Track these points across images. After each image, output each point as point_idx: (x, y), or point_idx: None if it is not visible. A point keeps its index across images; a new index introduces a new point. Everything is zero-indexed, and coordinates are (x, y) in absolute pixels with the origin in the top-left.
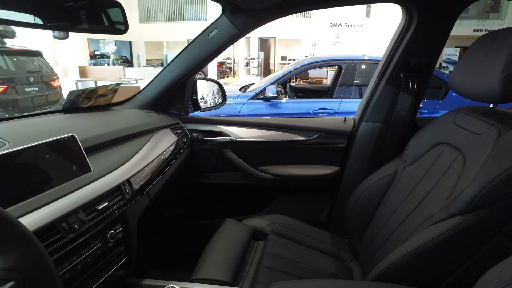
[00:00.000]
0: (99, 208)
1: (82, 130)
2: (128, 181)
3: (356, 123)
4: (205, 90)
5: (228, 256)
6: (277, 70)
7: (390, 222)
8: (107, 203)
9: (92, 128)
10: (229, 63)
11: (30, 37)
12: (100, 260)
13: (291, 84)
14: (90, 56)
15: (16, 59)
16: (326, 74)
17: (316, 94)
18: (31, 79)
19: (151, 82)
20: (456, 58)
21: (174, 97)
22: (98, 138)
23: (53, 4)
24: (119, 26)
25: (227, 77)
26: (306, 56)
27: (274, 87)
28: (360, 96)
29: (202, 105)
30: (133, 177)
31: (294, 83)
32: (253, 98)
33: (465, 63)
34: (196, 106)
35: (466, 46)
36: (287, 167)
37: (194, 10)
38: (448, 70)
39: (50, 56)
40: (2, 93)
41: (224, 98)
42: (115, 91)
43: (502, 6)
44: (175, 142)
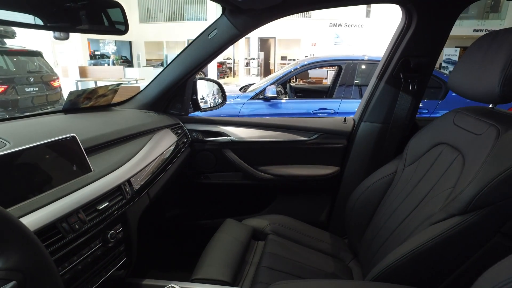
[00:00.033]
0: (100, 208)
1: (82, 130)
2: (128, 181)
3: (356, 123)
4: (205, 90)
5: (228, 256)
6: (277, 70)
7: (389, 222)
8: (108, 203)
9: (92, 128)
10: (229, 63)
11: (30, 37)
12: (100, 260)
13: (291, 84)
14: (90, 56)
15: (16, 59)
16: (326, 74)
17: (316, 94)
18: (31, 79)
19: (151, 83)
20: (456, 58)
21: (174, 97)
22: (98, 138)
23: (53, 4)
24: (119, 26)
25: (227, 77)
26: (306, 56)
27: (274, 87)
28: (360, 96)
29: (202, 105)
30: (133, 177)
31: (294, 83)
32: (253, 98)
33: (464, 64)
34: (196, 107)
35: (466, 46)
36: (287, 167)
37: (194, 10)
38: (448, 70)
39: (50, 56)
40: (2, 93)
41: (224, 98)
42: (115, 92)
43: (502, 6)
44: (175, 142)
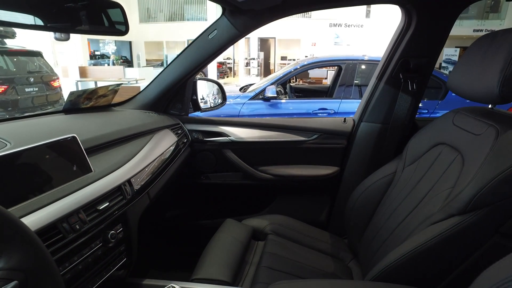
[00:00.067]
0: (100, 208)
1: (82, 130)
2: (128, 181)
3: (355, 124)
4: (205, 91)
5: (228, 256)
6: (277, 70)
7: (389, 222)
8: (108, 203)
9: (92, 128)
10: (229, 63)
11: (30, 37)
12: (101, 260)
13: (291, 84)
14: (90, 56)
15: (16, 59)
16: (326, 74)
17: (316, 94)
18: (31, 79)
19: (151, 83)
20: (456, 58)
21: (174, 97)
22: (98, 139)
23: (53, 5)
24: (120, 27)
25: (227, 77)
26: (306, 56)
27: (274, 87)
28: (360, 96)
29: (202, 105)
30: (133, 177)
31: (294, 83)
32: (253, 98)
33: (464, 64)
34: (196, 107)
35: (466, 46)
36: (287, 167)
37: (194, 10)
38: (448, 70)
39: (50, 56)
40: (2, 93)
41: (224, 98)
42: (116, 92)
43: (502, 6)
44: (175, 143)
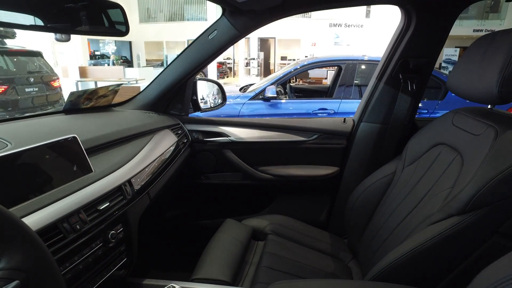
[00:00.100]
0: (101, 208)
1: (83, 131)
2: (129, 181)
3: (355, 124)
4: (205, 91)
5: (228, 256)
6: (277, 70)
7: (389, 222)
8: (108, 204)
9: (93, 129)
10: (229, 63)
11: (30, 37)
12: (101, 260)
13: (291, 84)
14: (90, 56)
15: (16, 60)
16: (326, 74)
17: (316, 95)
18: (31, 80)
19: (152, 83)
20: (456, 58)
21: (174, 98)
22: (99, 139)
23: (53, 5)
24: (120, 27)
25: (227, 77)
26: (306, 56)
27: (274, 88)
28: (359, 96)
29: (202, 105)
30: (134, 177)
31: (294, 84)
32: (253, 98)
33: (463, 65)
34: (196, 107)
35: (465, 46)
36: (287, 168)
37: (194, 10)
38: (448, 70)
39: (50, 56)
40: (2, 93)
41: (224, 98)
42: (116, 92)
43: (502, 6)
44: (176, 143)
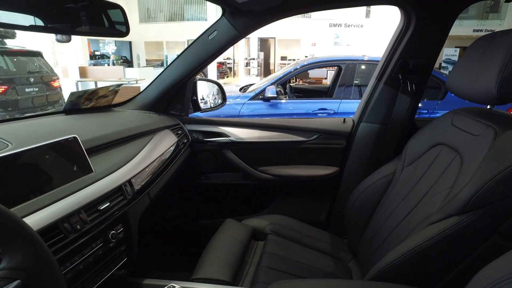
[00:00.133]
0: (101, 208)
1: (83, 131)
2: (129, 181)
3: (355, 124)
4: (205, 91)
5: (228, 256)
6: (277, 70)
7: (388, 222)
8: (109, 204)
9: (93, 129)
10: (229, 63)
11: (30, 37)
12: (101, 259)
13: (291, 84)
14: (90, 56)
15: (16, 60)
16: (326, 74)
17: (315, 95)
18: (31, 80)
19: (152, 83)
20: (455, 58)
21: (174, 98)
22: (99, 139)
23: (53, 6)
24: (121, 28)
25: (227, 77)
26: (306, 56)
27: (274, 88)
28: (359, 96)
29: (202, 106)
30: (134, 177)
31: (294, 84)
32: (253, 98)
33: (462, 65)
34: (196, 107)
35: (465, 46)
36: (287, 168)
37: (194, 10)
38: (447, 70)
39: (50, 56)
40: (2, 93)
41: (224, 99)
42: (116, 92)
43: (502, 6)
44: (176, 143)
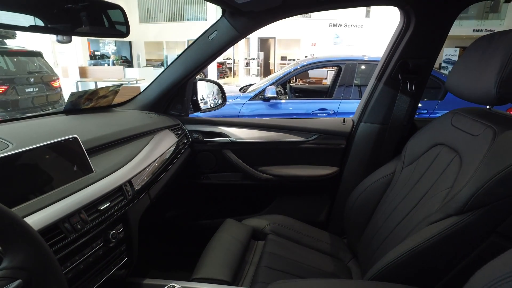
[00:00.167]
0: (101, 208)
1: (84, 131)
2: (129, 181)
3: (355, 124)
4: (205, 91)
5: (228, 255)
6: (277, 70)
7: (388, 222)
8: (109, 204)
9: (93, 129)
10: (229, 63)
11: (30, 37)
12: (102, 259)
13: (291, 84)
14: (90, 56)
15: (16, 60)
16: (326, 74)
17: (315, 95)
18: (32, 80)
19: (152, 84)
20: (455, 58)
21: (174, 98)
22: (99, 139)
23: (53, 6)
24: (121, 29)
25: (227, 77)
26: (306, 56)
27: (274, 88)
28: (359, 96)
29: (202, 106)
30: (134, 177)
31: (294, 84)
32: (253, 98)
33: (461, 66)
34: (196, 107)
35: (465, 46)
36: (287, 168)
37: (194, 10)
38: (447, 70)
39: (50, 56)
40: (2, 93)
41: (224, 99)
42: (116, 93)
43: (502, 6)
44: (176, 143)
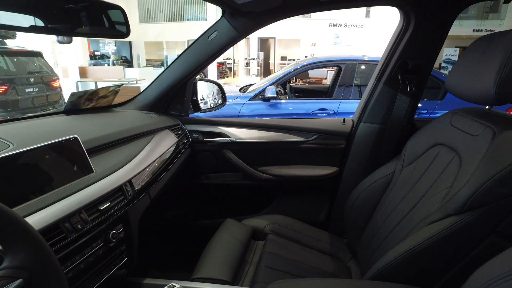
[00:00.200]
0: (101, 208)
1: (84, 131)
2: (129, 181)
3: (354, 124)
4: (205, 91)
5: (228, 255)
6: (277, 70)
7: (388, 222)
8: (109, 204)
9: (94, 129)
10: (229, 64)
11: (30, 37)
12: (102, 259)
13: (291, 84)
14: (90, 56)
15: (16, 60)
16: (326, 74)
17: (315, 95)
18: (32, 80)
19: (152, 84)
20: (455, 58)
21: (174, 98)
22: (100, 139)
23: (53, 7)
24: (121, 29)
25: (227, 77)
26: (306, 56)
27: (274, 88)
28: (359, 96)
29: (202, 106)
30: (134, 177)
31: (294, 84)
32: (253, 98)
33: (461, 66)
34: (196, 107)
35: (465, 46)
36: (287, 168)
37: (194, 10)
38: (447, 70)
39: (50, 56)
40: (2, 93)
41: (224, 99)
42: (116, 93)
43: (502, 6)
44: (176, 143)
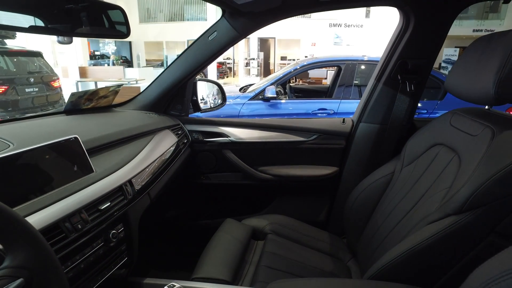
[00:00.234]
0: (102, 208)
1: (84, 131)
2: (129, 181)
3: (354, 124)
4: (205, 91)
5: (228, 255)
6: (276, 70)
7: (387, 222)
8: (109, 203)
9: (94, 129)
10: (229, 63)
11: (30, 37)
12: (102, 259)
13: (291, 84)
14: (90, 56)
15: (16, 60)
16: (326, 74)
17: (315, 95)
18: (32, 80)
19: (152, 84)
20: (455, 58)
21: (174, 98)
22: (100, 139)
23: (53, 7)
24: (121, 29)
25: (227, 77)
26: (306, 56)
27: (274, 88)
28: (359, 96)
29: (202, 106)
30: (134, 177)
31: (294, 84)
32: (252, 98)
33: (460, 66)
34: (196, 107)
35: (465, 46)
36: (287, 168)
37: (194, 10)
38: (447, 70)
39: (50, 56)
40: (2, 93)
41: (224, 99)
42: (116, 93)
43: (501, 6)
44: (176, 143)
